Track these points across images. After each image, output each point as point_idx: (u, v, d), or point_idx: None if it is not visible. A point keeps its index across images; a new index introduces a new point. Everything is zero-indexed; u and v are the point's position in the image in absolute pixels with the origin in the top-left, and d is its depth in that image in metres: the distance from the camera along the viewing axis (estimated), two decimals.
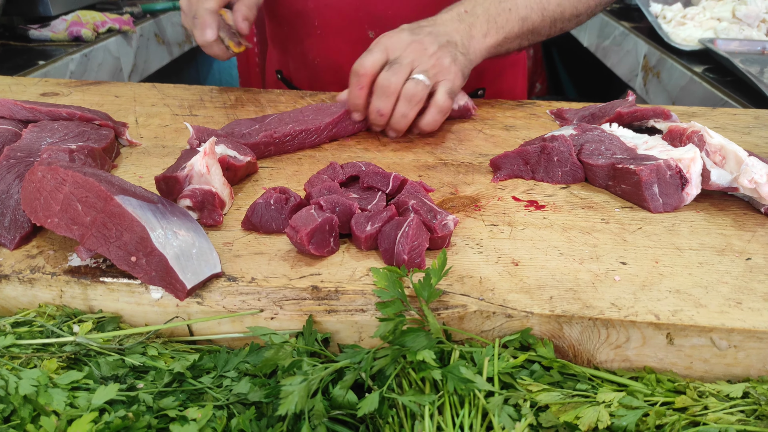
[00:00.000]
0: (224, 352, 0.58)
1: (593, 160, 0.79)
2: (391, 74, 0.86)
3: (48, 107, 0.86)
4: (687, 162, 0.73)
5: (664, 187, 0.73)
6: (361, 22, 1.16)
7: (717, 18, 1.78)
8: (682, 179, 0.73)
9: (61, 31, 1.70)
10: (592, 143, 0.81)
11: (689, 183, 0.73)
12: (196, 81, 2.81)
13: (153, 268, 0.59)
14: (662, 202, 0.73)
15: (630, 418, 0.51)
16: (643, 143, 0.80)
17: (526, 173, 0.82)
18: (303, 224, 0.62)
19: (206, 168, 0.70)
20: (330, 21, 1.16)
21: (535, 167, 0.82)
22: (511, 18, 0.96)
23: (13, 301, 0.62)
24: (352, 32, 1.16)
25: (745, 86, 1.40)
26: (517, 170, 0.82)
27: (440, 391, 0.52)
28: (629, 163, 0.75)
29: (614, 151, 0.79)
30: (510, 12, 0.96)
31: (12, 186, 0.69)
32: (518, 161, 0.82)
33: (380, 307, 0.55)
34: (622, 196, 0.77)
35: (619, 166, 0.75)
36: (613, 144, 0.80)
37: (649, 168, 0.72)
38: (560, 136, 0.81)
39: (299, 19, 1.18)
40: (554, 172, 0.80)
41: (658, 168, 0.73)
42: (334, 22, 1.17)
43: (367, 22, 1.15)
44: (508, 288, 0.60)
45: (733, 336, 0.56)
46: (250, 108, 1.05)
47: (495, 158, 0.83)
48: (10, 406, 0.50)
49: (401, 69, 0.87)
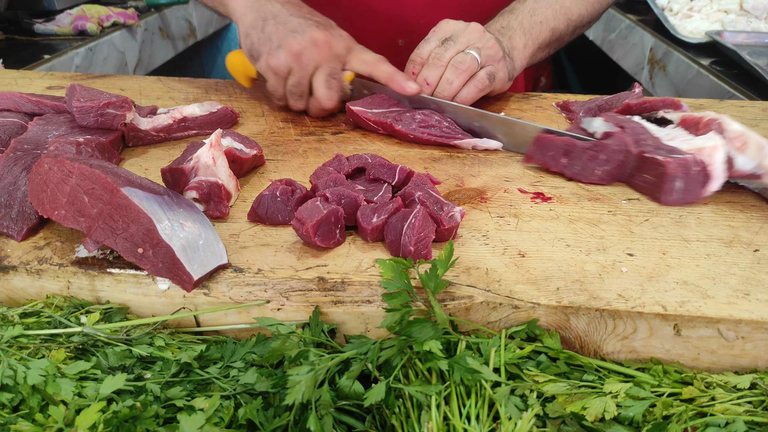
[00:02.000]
0: (231, 343, 0.58)
1: (634, 148, 0.75)
2: (443, 49, 0.90)
3: (53, 100, 0.86)
4: (709, 150, 0.71)
5: (689, 183, 0.71)
6: (392, 31, 1.17)
7: (724, 10, 1.77)
8: (706, 176, 0.71)
9: (66, 25, 1.70)
10: (628, 127, 0.78)
11: (712, 179, 0.71)
12: (201, 75, 2.81)
13: (160, 260, 0.59)
14: (680, 197, 0.72)
15: (637, 409, 0.51)
16: (666, 134, 0.78)
17: (556, 165, 0.79)
18: (309, 216, 0.62)
19: (212, 160, 0.70)
20: (362, 29, 1.16)
21: (573, 161, 0.78)
22: (542, 30, 1.03)
23: (21, 292, 0.63)
24: (383, 40, 1.17)
25: (752, 79, 1.39)
26: (551, 159, 0.79)
27: (447, 382, 0.52)
28: (656, 153, 0.73)
29: (645, 138, 0.77)
30: (541, 24, 1.03)
31: (19, 178, 0.69)
32: (559, 151, 0.78)
33: (387, 298, 0.55)
34: (637, 188, 0.76)
35: (647, 155, 0.74)
36: (645, 131, 0.78)
37: (677, 161, 0.71)
38: (618, 134, 0.77)
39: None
40: (594, 170, 0.76)
41: (686, 162, 0.71)
42: (366, 31, 1.16)
43: (398, 30, 1.17)
44: (514, 279, 0.60)
45: (740, 327, 0.55)
46: (253, 100, 1.05)
47: (540, 136, 0.79)
48: (19, 396, 0.51)
49: (455, 45, 0.90)
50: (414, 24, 1.16)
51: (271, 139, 0.91)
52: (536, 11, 1.03)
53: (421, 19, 1.15)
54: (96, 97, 0.81)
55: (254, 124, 0.96)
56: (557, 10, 1.05)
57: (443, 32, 0.92)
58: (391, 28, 1.17)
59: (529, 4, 1.04)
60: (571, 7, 1.07)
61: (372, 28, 1.18)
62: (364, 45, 1.14)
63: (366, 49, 0.95)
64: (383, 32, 1.18)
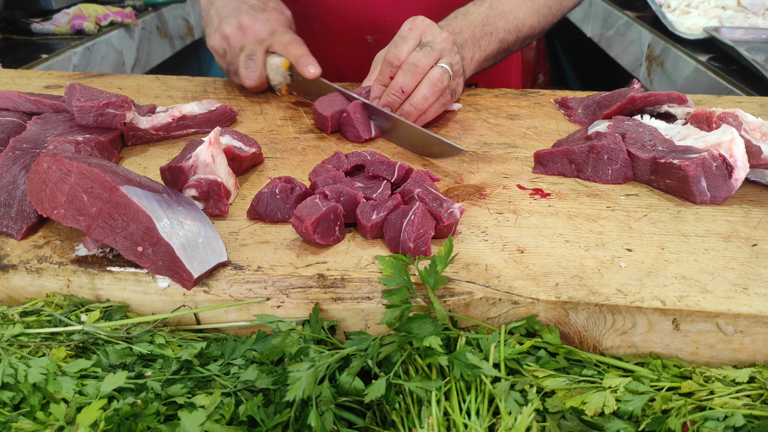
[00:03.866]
0: (231, 340, 0.58)
1: (642, 153, 0.75)
2: (422, 55, 0.87)
3: (51, 99, 0.86)
4: (727, 144, 0.70)
5: (712, 180, 0.70)
6: (360, 28, 1.17)
7: (722, 6, 1.77)
8: (728, 167, 0.70)
9: (64, 24, 1.69)
10: (634, 133, 0.78)
11: (735, 168, 0.70)
12: (199, 74, 2.81)
13: (159, 258, 0.59)
14: (710, 195, 0.71)
15: (636, 403, 0.51)
16: (677, 133, 0.77)
17: (570, 172, 0.79)
18: (308, 214, 0.62)
19: (211, 158, 0.70)
20: (330, 25, 1.18)
21: (582, 166, 0.78)
22: (491, 41, 1.02)
23: (21, 291, 0.63)
24: (351, 37, 1.17)
25: (750, 75, 1.39)
26: (561, 168, 0.79)
27: (447, 377, 0.53)
28: (671, 157, 0.72)
29: (655, 143, 0.76)
30: (491, 35, 1.01)
31: (18, 177, 0.69)
32: (563, 160, 0.79)
33: (386, 294, 0.55)
34: (666, 191, 0.74)
35: (662, 161, 0.72)
36: (653, 136, 0.77)
37: (695, 162, 0.70)
38: (609, 133, 0.77)
39: (299, 21, 1.19)
40: (604, 170, 0.76)
41: (704, 161, 0.70)
42: (334, 27, 1.18)
43: (366, 27, 1.17)
44: (513, 275, 0.60)
45: (739, 321, 0.56)
46: (252, 98, 1.05)
47: (539, 153, 0.80)
48: (20, 394, 0.51)
49: (432, 53, 0.87)
50: (381, 21, 1.15)
51: (270, 136, 0.91)
52: (489, 20, 1.01)
53: (388, 15, 1.14)
54: (96, 97, 0.81)
55: (253, 122, 0.96)
56: (509, 22, 1.03)
57: (419, 31, 0.89)
58: (359, 25, 1.17)
59: (484, 10, 1.02)
60: (524, 19, 1.05)
61: (339, 24, 1.17)
62: (332, 42, 1.16)
63: (287, 32, 0.99)
64: (351, 29, 1.17)
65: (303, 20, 1.18)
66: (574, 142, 0.81)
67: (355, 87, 0.99)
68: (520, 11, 1.05)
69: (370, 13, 1.15)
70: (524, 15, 1.05)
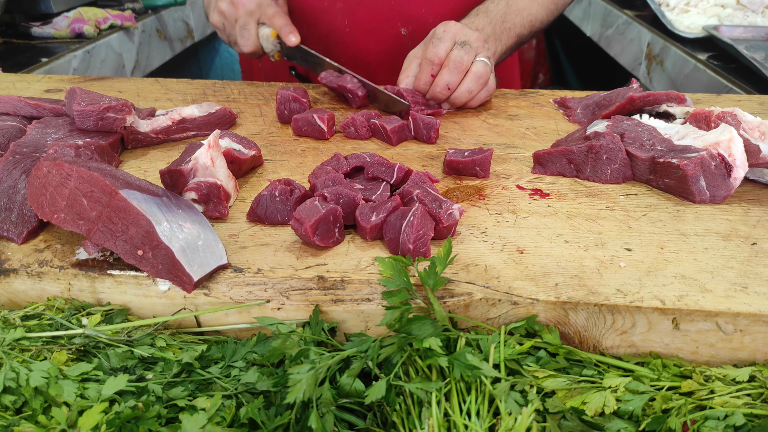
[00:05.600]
0: (232, 343, 0.58)
1: (640, 152, 0.75)
2: (463, 53, 0.95)
3: (52, 103, 0.87)
4: (726, 144, 0.70)
5: (711, 179, 0.71)
6: (394, 21, 1.20)
7: (721, 5, 1.77)
8: (727, 166, 0.70)
9: (63, 28, 1.70)
10: (632, 133, 0.78)
11: (734, 167, 0.70)
12: (198, 76, 2.81)
13: (160, 262, 0.59)
14: (710, 194, 0.71)
15: (636, 403, 0.51)
16: (675, 132, 0.77)
17: (569, 172, 0.79)
18: (307, 216, 0.62)
19: (211, 161, 0.70)
20: (362, 20, 1.20)
21: (581, 166, 0.78)
22: (510, 36, 1.11)
23: (22, 295, 0.63)
24: (384, 30, 1.21)
25: (749, 73, 1.39)
26: (560, 168, 0.79)
27: (447, 378, 0.53)
28: (670, 156, 0.72)
29: (653, 142, 0.76)
30: (510, 31, 1.11)
31: (19, 181, 0.69)
32: (562, 160, 0.79)
33: (386, 296, 0.55)
34: (665, 190, 0.75)
35: (660, 160, 0.73)
36: (652, 135, 0.77)
37: (693, 162, 0.70)
38: (608, 133, 0.77)
39: (325, 17, 1.21)
40: (603, 170, 0.77)
41: (702, 160, 0.70)
42: (366, 21, 1.20)
43: (401, 19, 1.20)
44: (513, 275, 0.60)
45: (739, 320, 0.56)
46: (253, 101, 1.05)
47: (538, 153, 0.80)
48: (22, 398, 0.51)
49: (471, 50, 0.95)
50: (416, 13, 1.18)
51: (270, 139, 0.91)
52: (507, 17, 1.10)
53: (423, 7, 1.18)
54: (96, 101, 0.81)
55: (252, 124, 0.97)
56: (525, 17, 1.13)
57: (452, 33, 0.96)
58: (393, 18, 1.20)
59: (502, 7, 1.10)
60: (536, 15, 1.15)
61: (374, 17, 1.19)
62: (366, 35, 1.22)
63: (271, 5, 1.10)
64: (385, 21, 1.20)
65: (329, 16, 1.21)
66: (573, 142, 0.81)
67: (386, 86, 1.02)
68: (533, 7, 1.14)
69: (405, 4, 1.18)
70: (536, 11, 1.15)
